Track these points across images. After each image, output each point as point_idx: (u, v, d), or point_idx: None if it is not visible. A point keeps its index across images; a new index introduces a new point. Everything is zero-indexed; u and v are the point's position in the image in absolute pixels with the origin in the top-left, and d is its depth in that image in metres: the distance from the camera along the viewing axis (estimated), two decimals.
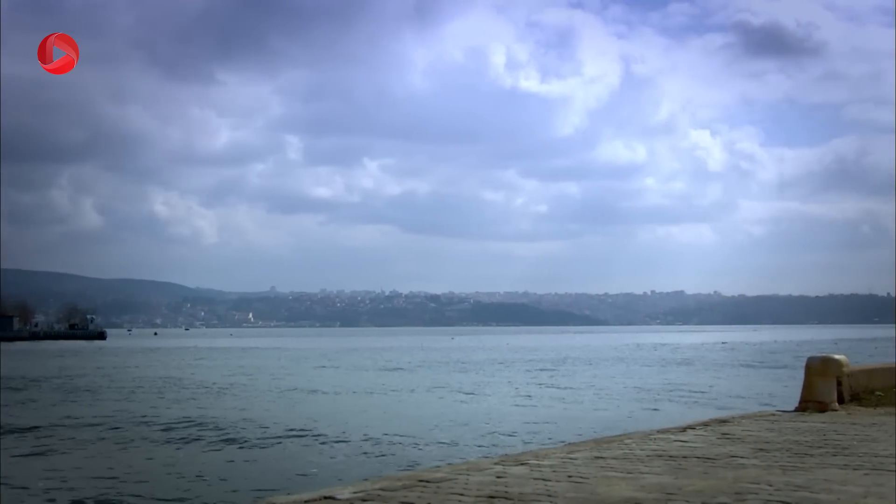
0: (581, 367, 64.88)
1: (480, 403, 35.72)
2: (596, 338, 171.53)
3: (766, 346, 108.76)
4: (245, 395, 38.97)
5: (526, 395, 39.87)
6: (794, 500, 6.39)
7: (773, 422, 11.44)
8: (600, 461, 8.28)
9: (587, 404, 35.40)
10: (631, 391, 41.80)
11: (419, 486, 7.14)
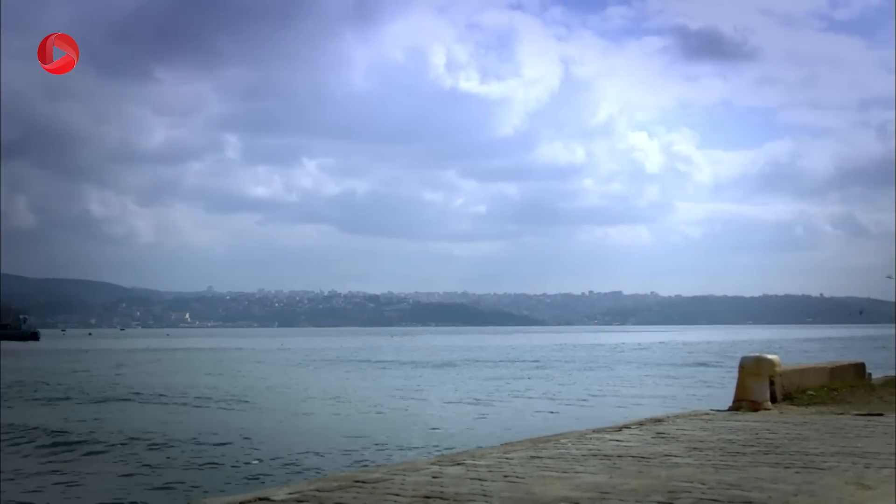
0: (521, 367, 65.11)
1: (420, 403, 35.71)
2: (536, 338, 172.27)
3: (702, 346, 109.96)
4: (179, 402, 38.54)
5: (466, 394, 39.92)
6: (725, 498, 6.47)
7: (707, 421, 11.56)
8: (536, 461, 8.32)
9: (527, 403, 35.53)
10: (569, 391, 42.03)
11: (355, 486, 7.12)
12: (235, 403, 35.43)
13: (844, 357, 40.95)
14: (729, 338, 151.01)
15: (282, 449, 22.50)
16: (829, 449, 8.81)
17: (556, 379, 51.49)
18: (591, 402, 36.27)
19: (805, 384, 15.23)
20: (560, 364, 69.78)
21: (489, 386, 45.64)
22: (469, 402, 36.55)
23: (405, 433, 25.96)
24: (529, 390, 42.47)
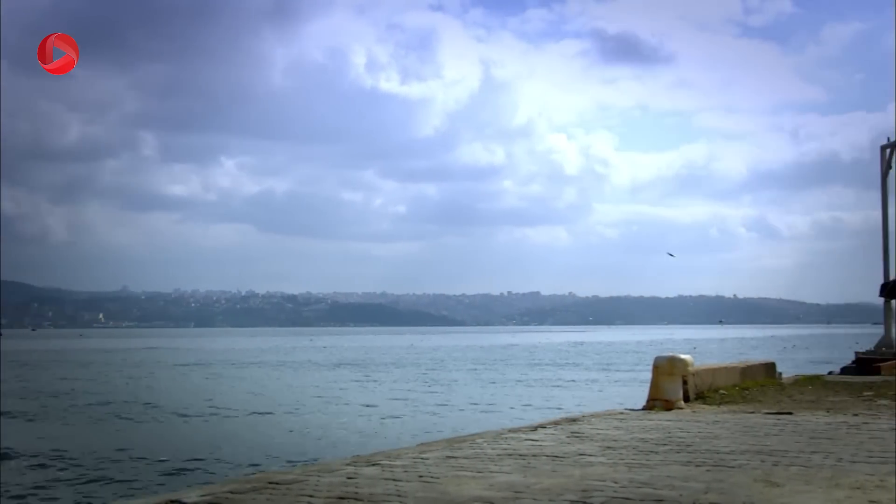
0: (440, 367, 65.22)
1: (337, 404, 35.57)
2: (456, 338, 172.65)
3: (618, 346, 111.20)
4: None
5: (384, 394, 39.87)
6: (637, 496, 6.54)
7: (621, 420, 11.68)
8: (452, 461, 8.33)
9: (445, 404, 35.58)
10: (488, 390, 42.20)
11: (269, 488, 7.06)
12: (148, 407, 34.92)
13: (756, 357, 41.67)
14: (644, 338, 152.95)
15: (195, 451, 22.25)
16: (739, 447, 8.95)
17: (472, 379, 51.63)
18: (508, 402, 36.43)
19: (717, 383, 15.48)
20: (477, 364, 70.01)
21: (406, 386, 45.64)
22: (387, 402, 36.49)
23: (321, 434, 25.84)
24: (447, 390, 42.55)
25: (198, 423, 28.92)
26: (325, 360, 77.54)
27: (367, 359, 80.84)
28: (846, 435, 9.89)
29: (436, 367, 65.47)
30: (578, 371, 59.84)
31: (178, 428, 27.24)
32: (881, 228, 28.25)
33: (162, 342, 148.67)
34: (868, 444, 9.14)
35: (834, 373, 23.58)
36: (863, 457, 8.24)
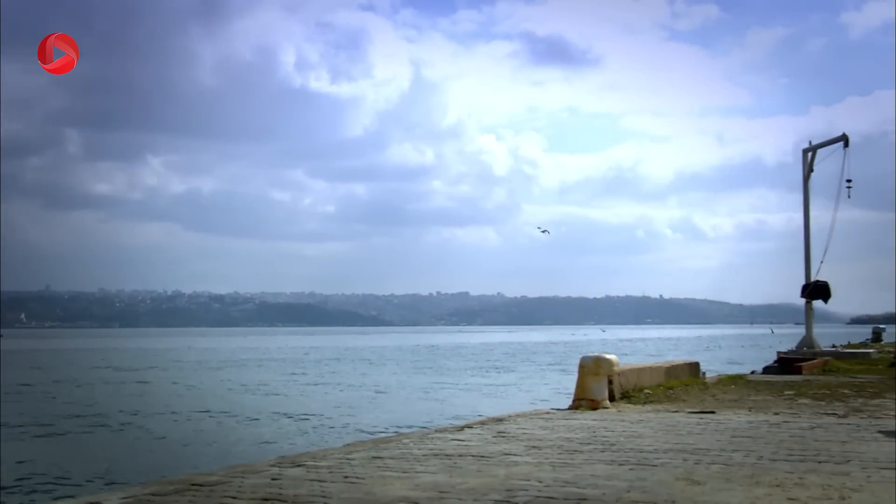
0: (367, 367, 65.09)
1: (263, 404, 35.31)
2: (384, 338, 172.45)
3: (545, 346, 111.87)
4: None
5: (313, 395, 39.68)
6: (561, 495, 6.57)
7: (546, 420, 11.74)
8: (377, 461, 8.31)
9: (373, 404, 35.51)
10: (416, 391, 42.19)
11: (191, 490, 6.98)
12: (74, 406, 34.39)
13: (680, 357, 42.20)
14: (571, 338, 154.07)
15: (119, 452, 21.96)
16: (662, 446, 9.05)
17: (402, 378, 51.58)
18: (436, 402, 36.46)
19: (642, 383, 15.65)
20: (404, 364, 69.99)
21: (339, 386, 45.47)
22: (318, 402, 36.32)
23: (246, 435, 25.64)
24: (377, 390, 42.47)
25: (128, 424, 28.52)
26: (253, 360, 76.95)
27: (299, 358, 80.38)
28: (767, 433, 10.05)
29: (367, 368, 65.30)
30: (505, 371, 60.05)
31: (101, 433, 26.82)
32: (803, 230, 28.76)
33: (89, 343, 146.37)
34: (788, 442, 9.29)
35: (756, 372, 23.95)
36: (783, 455, 8.38)
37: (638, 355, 73.18)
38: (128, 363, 73.52)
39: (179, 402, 36.40)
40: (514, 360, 75.89)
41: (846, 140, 27.67)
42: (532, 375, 54.66)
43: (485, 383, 48.03)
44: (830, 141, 28.48)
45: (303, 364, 71.48)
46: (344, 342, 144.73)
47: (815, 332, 28.72)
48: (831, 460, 8.06)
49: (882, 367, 23.02)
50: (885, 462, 7.93)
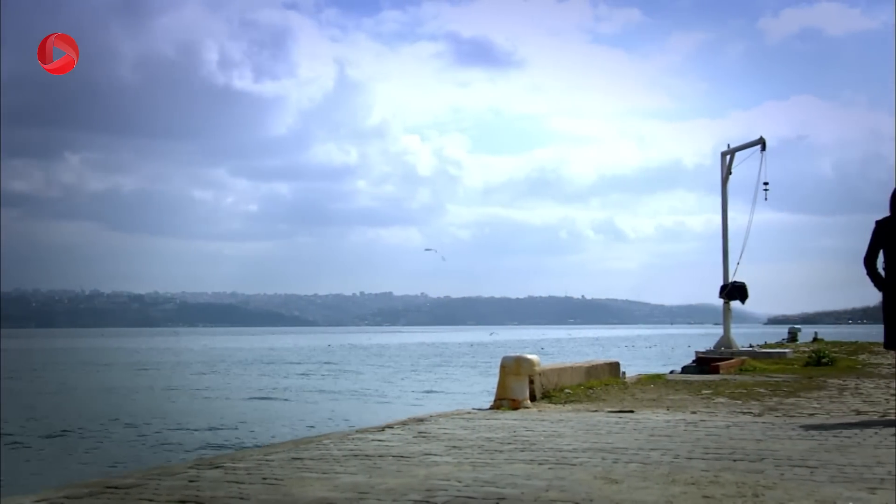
0: (290, 368, 64.70)
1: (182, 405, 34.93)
2: (307, 338, 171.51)
3: (468, 346, 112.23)
4: None
5: (233, 396, 39.33)
6: (480, 495, 6.58)
7: (468, 419, 11.76)
8: (297, 462, 8.25)
9: (294, 404, 35.32)
10: (339, 391, 42.05)
11: (107, 492, 6.85)
12: None
13: (601, 356, 42.57)
14: (493, 338, 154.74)
15: (30, 454, 21.57)
16: (581, 445, 9.11)
17: (326, 378, 51.37)
18: (358, 402, 36.38)
19: (563, 383, 15.75)
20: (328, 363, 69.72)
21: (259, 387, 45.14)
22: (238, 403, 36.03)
23: (165, 437, 25.33)
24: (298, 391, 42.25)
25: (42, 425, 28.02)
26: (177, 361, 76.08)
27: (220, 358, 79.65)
28: (684, 432, 10.17)
29: (287, 368, 64.91)
30: (427, 371, 60.12)
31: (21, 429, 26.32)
32: (721, 232, 29.19)
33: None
34: (704, 440, 9.41)
35: (675, 372, 24.23)
36: (699, 453, 8.48)
37: (559, 355, 73.75)
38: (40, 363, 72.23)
39: (92, 405, 35.84)
40: (435, 361, 75.98)
41: (763, 143, 28.11)
42: (453, 375, 54.78)
43: (406, 383, 48.02)
44: (748, 144, 28.93)
45: (220, 365, 70.82)
46: (263, 342, 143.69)
47: (733, 332, 29.14)
48: (746, 458, 8.18)
49: (797, 367, 23.45)
50: (798, 460, 8.07)
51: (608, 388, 16.62)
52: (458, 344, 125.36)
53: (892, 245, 11.29)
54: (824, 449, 8.77)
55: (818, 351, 26.25)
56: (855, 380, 18.97)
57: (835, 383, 17.96)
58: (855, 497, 6.45)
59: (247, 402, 36.65)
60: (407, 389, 43.36)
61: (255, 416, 31.08)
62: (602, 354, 67.64)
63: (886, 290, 11.50)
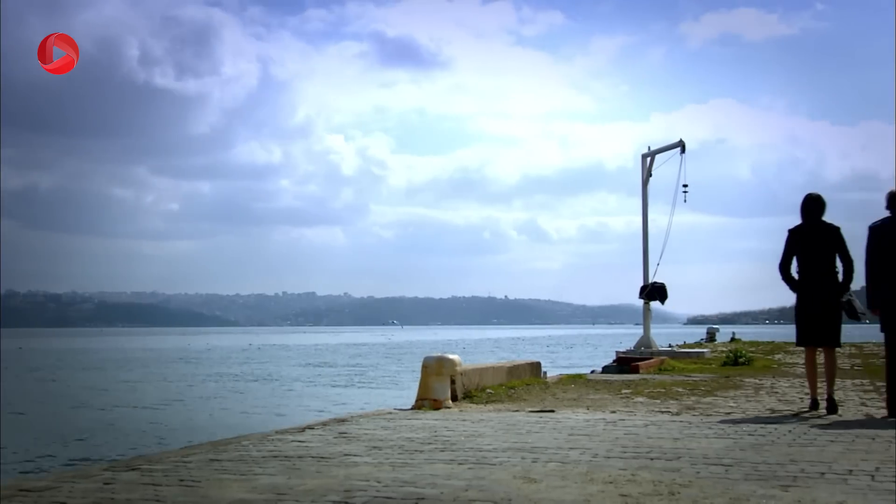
0: (215, 368, 64.09)
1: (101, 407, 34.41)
2: (226, 339, 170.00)
3: (391, 347, 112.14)
4: None
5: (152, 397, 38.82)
6: (399, 495, 6.58)
7: (389, 420, 11.74)
8: (215, 463, 8.16)
9: (214, 405, 34.99)
10: (262, 391, 41.74)
11: (19, 495, 6.72)
12: None
13: (523, 356, 42.78)
14: (417, 338, 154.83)
15: None
16: (501, 445, 9.14)
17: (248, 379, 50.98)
18: (279, 402, 36.15)
19: (484, 383, 15.79)
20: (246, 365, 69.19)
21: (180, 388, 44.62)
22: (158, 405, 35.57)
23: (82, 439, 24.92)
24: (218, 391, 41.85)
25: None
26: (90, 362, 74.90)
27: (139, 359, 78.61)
28: (603, 431, 10.26)
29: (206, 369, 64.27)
30: (350, 371, 59.95)
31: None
32: (641, 233, 29.50)
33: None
34: (623, 440, 9.51)
35: (596, 371, 24.46)
36: (617, 452, 8.57)
37: (482, 355, 74.01)
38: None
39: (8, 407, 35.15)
40: (358, 360, 75.79)
41: (683, 146, 28.46)
42: (376, 375, 54.68)
43: (328, 384, 47.82)
44: (668, 147, 29.23)
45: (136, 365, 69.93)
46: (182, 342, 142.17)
47: (653, 332, 29.44)
48: (663, 457, 8.28)
49: (715, 366, 23.80)
50: (714, 458, 8.19)
51: (529, 387, 16.69)
52: (379, 343, 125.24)
53: (804, 251, 12.20)
54: (739, 447, 8.92)
55: (735, 351, 26.66)
56: (771, 379, 19.31)
57: (751, 382, 18.26)
58: (768, 494, 6.57)
59: (164, 403, 36.21)
60: (329, 390, 43.18)
61: (173, 418, 30.71)
62: (524, 355, 67.96)
63: (800, 292, 12.38)
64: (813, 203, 12.32)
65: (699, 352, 29.26)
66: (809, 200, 12.34)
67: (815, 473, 7.42)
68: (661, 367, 22.86)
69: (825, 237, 12.15)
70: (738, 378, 19.35)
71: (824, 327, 12.28)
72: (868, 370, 21.13)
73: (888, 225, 11.63)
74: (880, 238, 11.64)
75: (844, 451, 8.64)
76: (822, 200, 12.31)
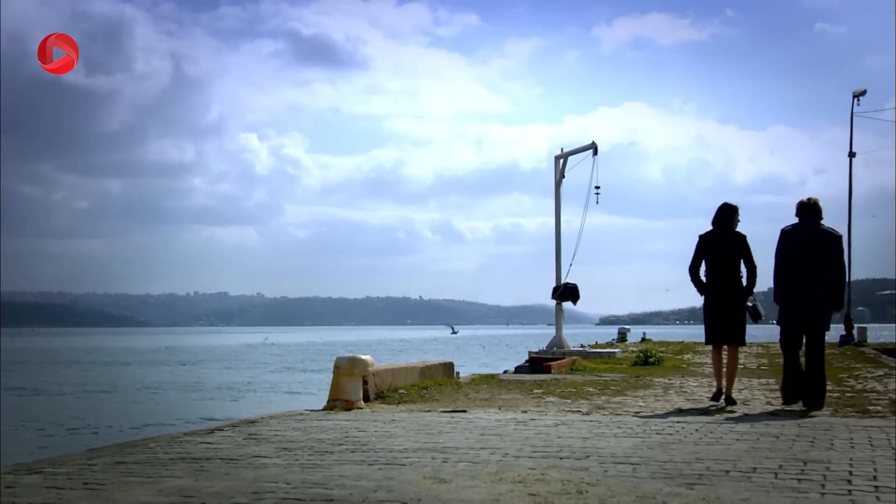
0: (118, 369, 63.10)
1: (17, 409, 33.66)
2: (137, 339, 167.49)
3: (304, 347, 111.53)
4: None
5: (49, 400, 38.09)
6: (308, 497, 6.54)
7: (300, 421, 11.66)
8: (121, 466, 8.03)
9: (120, 407, 34.44)
10: (170, 392, 41.20)
11: None
12: None
13: (437, 357, 42.88)
14: (331, 338, 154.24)
15: None
16: (412, 445, 9.14)
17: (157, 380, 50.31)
18: (188, 404, 35.73)
19: (397, 383, 15.77)
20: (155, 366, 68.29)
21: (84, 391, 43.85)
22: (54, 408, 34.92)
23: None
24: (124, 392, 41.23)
25: None
26: None
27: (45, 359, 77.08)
28: (514, 431, 10.31)
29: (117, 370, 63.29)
30: (262, 372, 59.50)
31: None
32: (554, 234, 29.72)
33: None
34: (533, 439, 9.57)
35: (509, 372, 24.56)
36: (527, 452, 8.62)
37: (395, 355, 74.00)
38: None
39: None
40: (270, 361, 75.23)
41: (595, 148, 28.71)
42: (287, 376, 54.35)
43: (240, 385, 47.40)
44: (581, 149, 29.46)
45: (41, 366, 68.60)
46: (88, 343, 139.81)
47: (566, 332, 29.64)
48: (572, 456, 8.36)
49: (626, 366, 24.06)
50: (622, 457, 8.29)
51: (442, 388, 16.72)
52: (293, 344, 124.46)
53: (712, 256, 13.26)
54: (647, 446, 9.04)
55: (646, 351, 26.98)
56: (680, 378, 19.58)
57: (661, 382, 18.50)
58: (674, 492, 6.67)
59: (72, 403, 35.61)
60: (242, 390, 42.82)
61: (80, 420, 30.19)
62: (437, 355, 68.14)
63: (708, 294, 13.41)
64: (726, 211, 13.30)
65: (610, 352, 29.52)
66: (724, 208, 13.33)
67: (720, 471, 7.55)
68: (573, 367, 23.03)
69: (733, 244, 13.16)
70: (647, 378, 19.59)
71: (730, 328, 13.34)
72: (774, 370, 21.55)
73: (796, 230, 12.68)
74: (788, 241, 12.68)
75: (749, 449, 8.81)
76: (735, 209, 13.32)
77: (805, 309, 12.63)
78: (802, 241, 12.58)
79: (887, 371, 21.84)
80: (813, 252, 12.52)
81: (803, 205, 12.70)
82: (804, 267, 12.53)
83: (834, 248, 12.64)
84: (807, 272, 12.50)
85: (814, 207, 12.72)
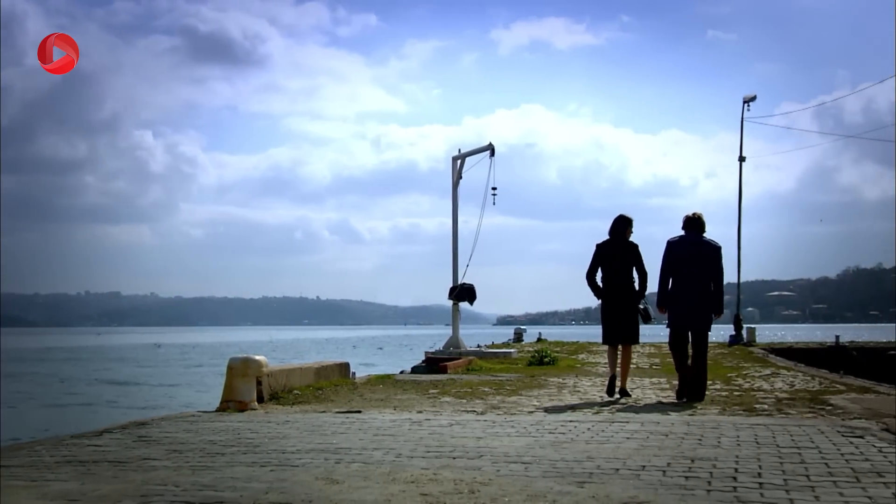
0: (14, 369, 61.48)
1: None
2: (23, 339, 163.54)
3: (197, 348, 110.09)
4: None
5: None
6: (198, 499, 6.45)
7: (191, 422, 11.50)
8: (3, 470, 7.80)
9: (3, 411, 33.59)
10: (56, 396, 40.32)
11: None
12: None
13: (334, 357, 42.68)
14: (225, 339, 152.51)
15: None
16: (305, 446, 9.08)
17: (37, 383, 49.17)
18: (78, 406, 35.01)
19: (292, 384, 15.66)
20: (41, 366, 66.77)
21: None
22: None
23: None
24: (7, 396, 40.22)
25: None
26: None
27: None
28: (408, 431, 10.31)
29: None
30: (154, 373, 58.59)
31: None
32: (452, 235, 29.81)
33: None
34: (427, 439, 9.57)
35: (405, 372, 24.57)
36: (421, 452, 8.63)
37: (291, 356, 73.48)
38: None
39: None
40: (163, 362, 74.12)
41: (492, 149, 28.89)
42: (180, 377, 53.62)
43: (130, 386, 46.59)
44: (478, 150, 29.60)
45: None
46: None
47: (463, 332, 29.76)
48: (465, 456, 8.38)
49: (521, 366, 24.25)
50: (515, 456, 8.35)
51: (338, 388, 16.65)
52: (184, 345, 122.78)
53: (608, 263, 14.57)
54: (539, 445, 9.12)
55: (541, 351, 27.21)
56: (574, 378, 19.80)
57: (555, 381, 18.68)
58: (564, 490, 6.74)
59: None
60: (131, 392, 42.12)
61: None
62: (334, 355, 67.85)
63: (604, 298, 14.66)
64: (622, 223, 14.64)
65: (506, 352, 29.71)
66: (620, 220, 14.64)
67: (610, 469, 7.66)
68: (469, 368, 23.13)
69: (627, 252, 14.50)
70: (542, 377, 19.77)
71: (624, 328, 14.58)
72: (665, 369, 21.94)
73: (680, 242, 14.06)
74: (673, 251, 14.04)
75: (639, 447, 8.95)
76: (630, 221, 14.67)
77: (690, 313, 13.97)
78: (687, 251, 13.91)
79: (774, 370, 22.44)
80: (697, 261, 13.88)
81: (689, 219, 14.08)
82: (689, 275, 13.88)
83: (714, 257, 13.93)
84: (691, 280, 13.88)
85: (697, 221, 14.06)
